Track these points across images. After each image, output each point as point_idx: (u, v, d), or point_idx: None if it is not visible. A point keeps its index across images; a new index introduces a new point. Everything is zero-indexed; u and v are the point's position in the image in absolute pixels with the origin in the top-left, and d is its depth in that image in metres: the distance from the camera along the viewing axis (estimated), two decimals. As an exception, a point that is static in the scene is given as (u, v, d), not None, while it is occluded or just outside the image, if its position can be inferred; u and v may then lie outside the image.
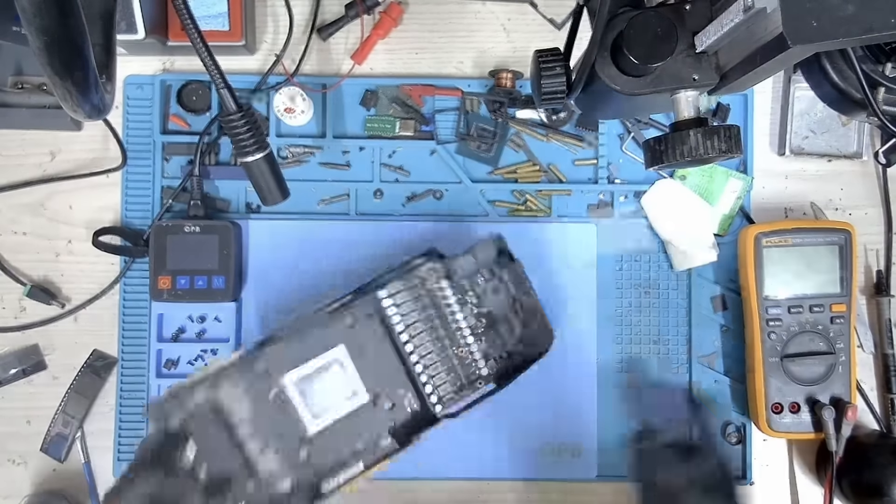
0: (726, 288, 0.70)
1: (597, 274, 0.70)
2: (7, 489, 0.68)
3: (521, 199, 0.70)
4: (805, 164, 0.71)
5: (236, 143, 0.55)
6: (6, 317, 0.69)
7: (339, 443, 0.58)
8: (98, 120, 0.59)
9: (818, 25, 0.32)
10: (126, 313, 0.69)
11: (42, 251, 0.70)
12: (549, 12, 0.69)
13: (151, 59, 0.70)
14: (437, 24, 0.71)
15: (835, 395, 0.66)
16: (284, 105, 0.67)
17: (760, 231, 0.66)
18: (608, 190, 0.70)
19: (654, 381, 0.69)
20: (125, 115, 0.69)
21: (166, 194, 0.69)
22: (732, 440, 0.69)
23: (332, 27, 0.70)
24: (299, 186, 0.69)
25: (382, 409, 0.60)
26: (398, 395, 0.60)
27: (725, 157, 0.42)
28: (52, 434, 0.68)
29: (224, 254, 0.66)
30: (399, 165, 0.70)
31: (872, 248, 0.71)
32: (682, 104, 0.43)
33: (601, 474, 0.68)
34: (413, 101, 0.70)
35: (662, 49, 0.40)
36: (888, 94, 0.50)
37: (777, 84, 0.71)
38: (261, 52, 0.71)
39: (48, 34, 0.38)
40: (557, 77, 0.46)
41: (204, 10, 0.66)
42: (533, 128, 0.70)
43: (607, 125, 0.70)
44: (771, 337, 0.66)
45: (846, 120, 0.70)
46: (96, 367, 0.68)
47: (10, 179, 0.69)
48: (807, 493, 0.70)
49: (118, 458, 0.68)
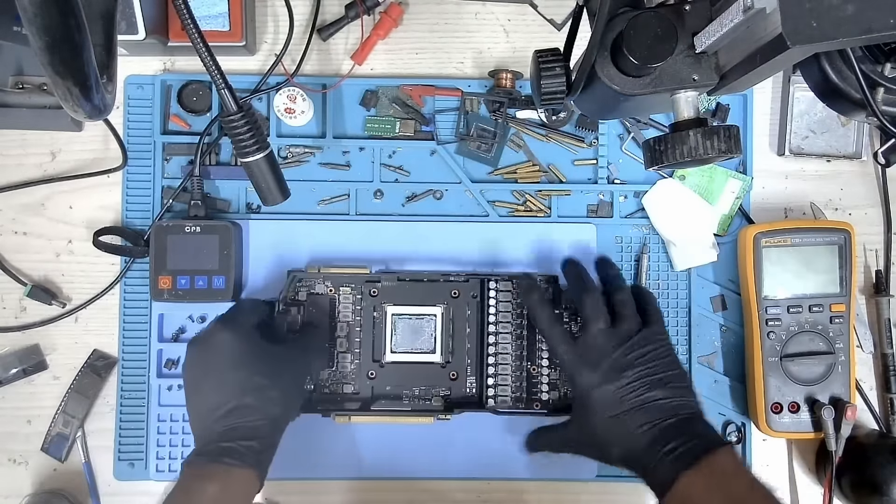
0: (726, 288, 0.70)
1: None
2: (7, 489, 0.68)
3: (520, 199, 0.70)
4: (804, 164, 0.71)
5: (237, 143, 0.55)
6: (7, 317, 0.69)
7: (402, 380, 0.67)
8: (98, 120, 0.59)
9: (818, 26, 0.32)
10: (126, 313, 0.69)
11: (42, 251, 0.70)
12: (549, 12, 0.69)
13: (152, 59, 0.70)
14: (437, 24, 0.71)
15: (834, 395, 0.66)
16: (284, 105, 0.67)
17: (760, 231, 0.66)
18: (608, 190, 0.70)
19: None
20: (126, 115, 0.69)
21: (166, 194, 0.69)
22: (732, 440, 0.69)
23: (332, 27, 0.70)
24: (299, 186, 0.69)
25: (446, 376, 0.67)
26: (464, 372, 0.67)
27: (725, 157, 0.42)
28: (52, 434, 0.68)
29: (224, 254, 0.66)
30: (399, 165, 0.70)
31: (872, 248, 0.71)
32: (682, 104, 0.43)
33: (601, 474, 0.68)
34: (413, 101, 0.70)
35: (662, 49, 0.40)
36: (887, 95, 0.50)
37: (777, 84, 0.71)
38: (261, 52, 0.71)
39: (49, 34, 0.38)
40: (557, 77, 0.46)
41: (204, 10, 0.66)
42: (533, 128, 0.70)
43: (607, 125, 0.70)
44: (770, 337, 0.66)
45: (846, 120, 0.70)
46: (97, 366, 0.68)
47: (11, 179, 0.70)
48: (806, 493, 0.70)
49: (118, 457, 0.68)
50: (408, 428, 0.68)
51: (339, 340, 0.66)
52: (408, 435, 0.68)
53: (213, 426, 0.55)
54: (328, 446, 0.68)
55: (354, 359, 0.66)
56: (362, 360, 0.66)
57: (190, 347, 0.60)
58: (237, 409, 0.56)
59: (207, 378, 0.57)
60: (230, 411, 0.56)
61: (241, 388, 0.56)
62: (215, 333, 0.59)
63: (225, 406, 0.56)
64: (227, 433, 0.55)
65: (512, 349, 0.66)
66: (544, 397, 0.66)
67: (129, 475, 0.68)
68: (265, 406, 0.57)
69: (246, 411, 0.56)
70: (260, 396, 0.56)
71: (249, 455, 0.54)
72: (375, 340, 0.67)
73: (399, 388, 0.67)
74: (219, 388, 0.57)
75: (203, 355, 0.59)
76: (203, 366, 0.58)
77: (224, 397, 0.56)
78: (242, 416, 0.56)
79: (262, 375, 0.57)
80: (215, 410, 0.56)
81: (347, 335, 0.66)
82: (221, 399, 0.56)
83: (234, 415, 0.56)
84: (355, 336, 0.66)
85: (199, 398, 0.57)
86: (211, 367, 0.58)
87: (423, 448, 0.68)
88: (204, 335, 0.59)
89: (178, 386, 0.68)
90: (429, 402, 0.66)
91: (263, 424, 0.56)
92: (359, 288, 0.67)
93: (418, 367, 0.67)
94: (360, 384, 0.66)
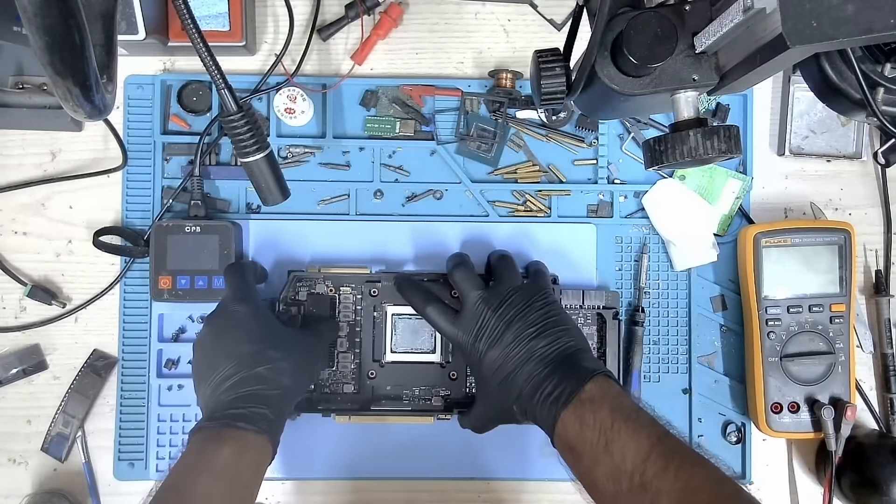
0: (726, 288, 0.70)
1: (597, 274, 0.70)
2: (7, 489, 0.68)
3: (521, 199, 0.70)
4: (804, 165, 0.71)
5: (236, 143, 0.55)
6: (7, 317, 0.69)
7: (402, 380, 0.67)
8: (99, 120, 0.59)
9: (818, 26, 0.32)
10: (126, 313, 0.69)
11: (42, 251, 0.70)
12: (549, 12, 0.69)
13: (152, 59, 0.70)
14: (437, 24, 0.71)
15: (834, 395, 0.66)
16: (284, 105, 0.67)
17: (760, 231, 0.66)
18: (608, 190, 0.70)
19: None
20: (126, 115, 0.69)
21: (166, 194, 0.69)
22: (732, 440, 0.69)
23: (332, 27, 0.70)
24: (299, 186, 0.69)
25: (446, 376, 0.67)
26: (464, 372, 0.67)
27: (725, 157, 0.42)
28: (52, 434, 0.68)
29: (224, 254, 0.66)
30: (399, 165, 0.70)
31: (872, 248, 0.71)
32: (682, 104, 0.43)
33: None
34: (413, 101, 0.70)
35: (662, 49, 0.40)
36: (887, 95, 0.50)
37: (777, 84, 0.71)
38: (261, 52, 0.71)
39: (49, 34, 0.38)
40: (557, 77, 0.46)
41: (204, 10, 0.66)
42: (533, 128, 0.70)
43: (607, 125, 0.70)
44: (770, 337, 0.66)
45: (845, 120, 0.70)
46: (97, 366, 0.68)
47: (11, 179, 0.70)
48: (806, 493, 0.70)
49: (118, 457, 0.68)
50: (408, 428, 0.68)
51: (339, 340, 0.66)
52: (408, 435, 0.68)
53: (223, 396, 0.55)
54: (328, 446, 0.68)
55: (354, 359, 0.66)
56: (362, 360, 0.67)
57: (207, 319, 0.60)
58: (249, 377, 0.56)
59: (222, 348, 0.57)
60: (242, 380, 0.55)
61: (255, 359, 0.56)
62: (233, 307, 0.59)
63: (237, 375, 0.56)
64: (236, 401, 0.55)
65: None
66: None
67: (129, 475, 0.68)
68: (277, 377, 0.56)
69: (258, 380, 0.56)
70: (272, 368, 0.56)
71: (263, 422, 0.54)
72: (375, 340, 0.67)
73: (399, 388, 0.67)
74: (232, 357, 0.56)
75: (219, 328, 0.59)
76: (218, 337, 0.58)
77: (237, 367, 0.56)
78: (254, 384, 0.55)
79: (276, 349, 0.58)
80: (227, 380, 0.56)
81: (347, 335, 0.66)
82: (234, 369, 0.56)
83: (246, 383, 0.55)
84: (355, 336, 0.66)
85: (210, 369, 0.57)
86: (226, 339, 0.58)
87: (423, 448, 0.68)
88: (222, 310, 0.60)
89: (179, 386, 0.68)
90: (429, 402, 0.67)
91: (275, 394, 0.56)
92: (359, 288, 0.67)
93: (418, 367, 0.67)
94: (360, 384, 0.66)
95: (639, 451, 0.49)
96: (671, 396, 0.69)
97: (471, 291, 0.59)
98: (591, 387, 0.53)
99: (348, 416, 0.65)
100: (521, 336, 0.56)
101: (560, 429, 0.52)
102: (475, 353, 0.58)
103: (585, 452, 0.51)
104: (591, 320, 0.67)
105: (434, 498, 0.69)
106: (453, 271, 0.61)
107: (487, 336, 0.57)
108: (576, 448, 0.52)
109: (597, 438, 0.50)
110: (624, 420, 0.51)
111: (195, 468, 0.52)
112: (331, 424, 0.67)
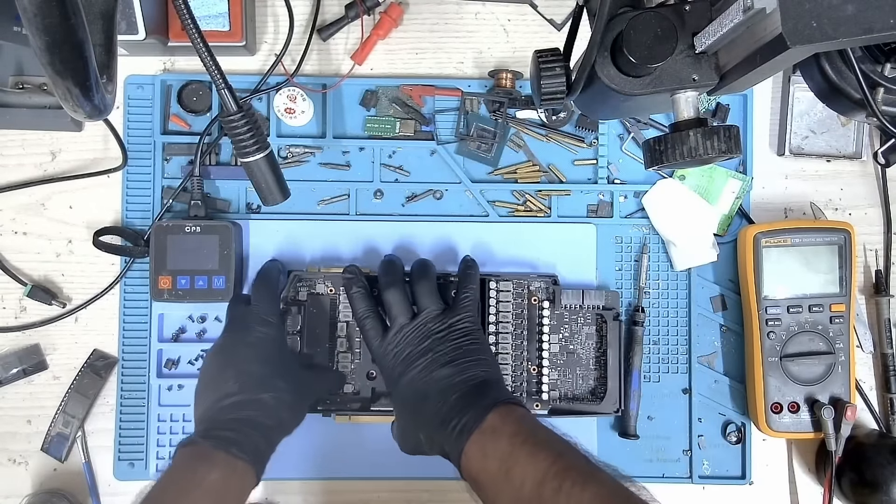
0: (726, 288, 0.70)
1: (597, 274, 0.70)
2: (8, 489, 0.68)
3: (521, 199, 0.70)
4: (804, 165, 0.71)
5: (237, 143, 0.55)
6: (7, 317, 0.69)
7: None
8: (99, 120, 0.59)
9: (817, 26, 0.32)
10: (126, 313, 0.69)
11: (42, 251, 0.70)
12: (549, 12, 0.69)
13: (152, 59, 0.70)
14: (437, 24, 0.71)
15: (834, 395, 0.66)
16: (284, 105, 0.67)
17: (760, 231, 0.66)
18: (608, 190, 0.70)
19: None
20: (126, 115, 0.69)
21: (166, 194, 0.69)
22: (732, 440, 0.69)
23: (332, 27, 0.70)
24: (299, 186, 0.69)
25: None
26: None
27: (725, 157, 0.42)
28: (52, 434, 0.68)
29: (224, 254, 0.66)
30: (399, 165, 0.70)
31: (872, 248, 0.71)
32: (682, 104, 0.43)
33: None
34: (413, 101, 0.70)
35: (662, 49, 0.40)
36: (887, 95, 0.50)
37: (777, 84, 0.71)
38: (261, 52, 0.71)
39: (49, 34, 0.38)
40: (557, 77, 0.46)
41: (204, 10, 0.66)
42: (533, 128, 0.70)
43: (607, 125, 0.70)
44: (770, 337, 0.66)
45: (845, 120, 0.70)
46: (97, 366, 0.68)
47: (11, 179, 0.70)
48: (806, 493, 0.70)
49: (118, 457, 0.68)
50: (408, 428, 0.68)
51: (339, 340, 0.66)
52: (408, 435, 0.68)
53: (221, 413, 0.55)
54: (328, 446, 0.68)
55: (354, 359, 0.66)
56: (362, 360, 0.66)
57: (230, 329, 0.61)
58: (252, 401, 0.56)
59: (234, 364, 0.58)
60: (245, 402, 0.56)
61: (263, 384, 0.57)
62: (259, 329, 0.59)
63: (240, 394, 0.56)
64: (233, 423, 0.55)
65: (512, 349, 0.66)
66: (545, 397, 0.65)
67: (129, 475, 0.68)
68: (277, 407, 0.57)
69: (259, 406, 0.56)
70: (276, 398, 0.57)
71: (254, 451, 0.54)
72: None
73: None
74: (242, 375, 0.57)
75: (238, 342, 0.59)
76: (233, 351, 0.59)
77: (242, 387, 0.56)
78: (255, 410, 0.56)
79: (285, 381, 0.58)
80: (230, 397, 0.56)
81: (347, 335, 0.66)
82: (239, 388, 0.56)
83: (248, 407, 0.56)
84: (355, 336, 0.66)
85: (217, 380, 0.57)
86: (242, 355, 0.58)
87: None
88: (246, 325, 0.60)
89: (179, 386, 0.68)
90: None
91: (272, 425, 0.56)
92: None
93: None
94: (360, 384, 0.66)
95: (535, 475, 0.48)
96: (671, 396, 0.69)
97: (398, 316, 0.59)
98: (492, 416, 0.52)
99: (348, 415, 0.65)
100: (431, 364, 0.56)
101: (465, 461, 0.51)
102: (389, 377, 0.59)
103: (488, 483, 0.50)
104: (591, 320, 0.67)
105: (434, 498, 0.69)
106: (385, 293, 0.60)
107: (401, 362, 0.57)
108: (479, 479, 0.51)
109: (497, 468, 0.49)
110: (521, 445, 0.50)
111: (183, 486, 0.52)
112: (331, 424, 0.67)
